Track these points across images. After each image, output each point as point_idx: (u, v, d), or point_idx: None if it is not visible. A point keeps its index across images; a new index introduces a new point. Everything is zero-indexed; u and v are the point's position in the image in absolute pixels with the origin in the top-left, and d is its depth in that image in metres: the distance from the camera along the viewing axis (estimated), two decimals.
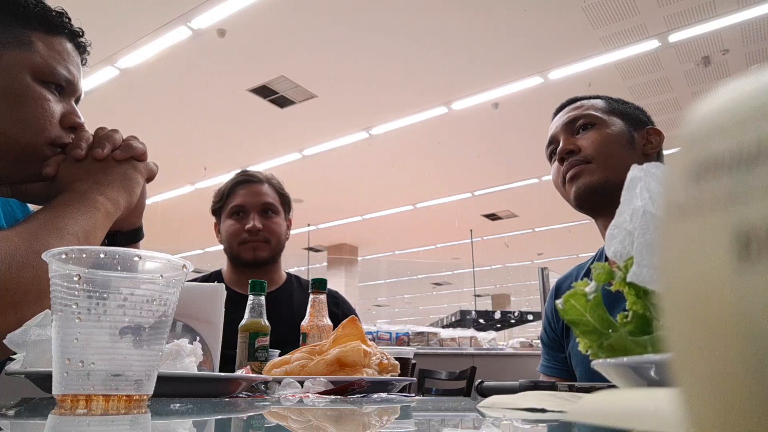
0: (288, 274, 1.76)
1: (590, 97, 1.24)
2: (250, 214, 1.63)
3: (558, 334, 1.26)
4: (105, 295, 0.48)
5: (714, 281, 0.12)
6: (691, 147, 0.14)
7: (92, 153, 0.86)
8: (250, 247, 1.62)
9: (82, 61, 0.92)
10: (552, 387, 0.63)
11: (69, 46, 0.89)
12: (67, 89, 0.88)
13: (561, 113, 1.23)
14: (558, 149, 1.18)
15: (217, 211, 1.72)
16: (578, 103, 1.22)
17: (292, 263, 12.10)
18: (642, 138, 1.17)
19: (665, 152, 1.21)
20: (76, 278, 0.48)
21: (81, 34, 0.92)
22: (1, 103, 0.80)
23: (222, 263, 1.79)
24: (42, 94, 0.84)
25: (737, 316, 0.12)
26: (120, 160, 0.87)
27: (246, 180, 1.69)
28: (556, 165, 1.20)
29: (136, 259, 0.51)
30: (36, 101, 0.83)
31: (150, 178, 0.93)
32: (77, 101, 0.92)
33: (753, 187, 0.12)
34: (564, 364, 1.24)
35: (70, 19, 0.90)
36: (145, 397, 0.50)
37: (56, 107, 0.86)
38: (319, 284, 1.22)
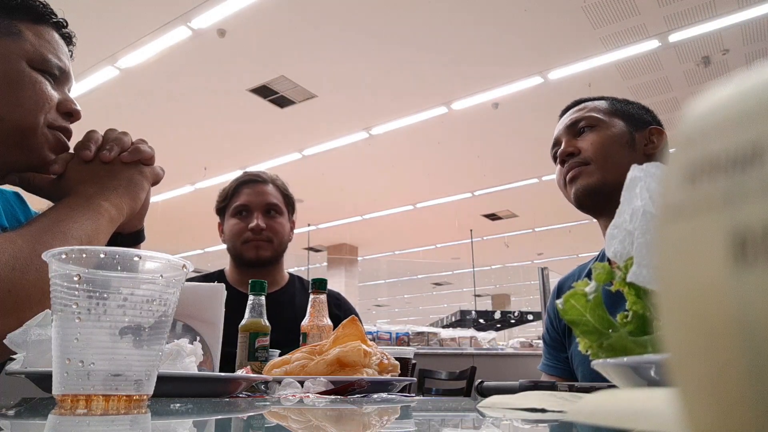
0: (290, 274, 1.76)
1: (595, 99, 1.25)
2: (254, 213, 1.64)
3: (560, 333, 1.26)
4: (105, 295, 0.48)
5: (710, 283, 0.12)
6: (686, 147, 0.14)
7: (100, 155, 0.86)
8: (253, 246, 1.62)
9: (69, 52, 0.93)
10: (552, 387, 0.63)
11: (56, 35, 0.90)
12: (61, 78, 0.88)
13: (565, 115, 1.25)
14: (559, 151, 1.20)
15: (221, 210, 1.73)
16: (581, 105, 1.24)
17: (292, 263, 12.10)
18: (644, 138, 1.18)
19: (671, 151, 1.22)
20: (76, 278, 0.48)
21: (66, 24, 0.92)
22: None
23: (222, 263, 1.79)
24: (38, 79, 0.84)
25: (733, 318, 0.12)
26: (127, 163, 0.87)
27: (250, 180, 1.69)
28: (558, 167, 1.21)
29: (136, 259, 0.51)
30: (33, 85, 0.83)
31: (155, 182, 0.93)
32: (68, 91, 0.92)
33: (749, 188, 0.12)
34: (565, 364, 1.24)
35: (53, 11, 0.90)
36: (145, 397, 0.50)
37: (53, 92, 0.86)
38: (320, 284, 1.22)
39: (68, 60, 0.91)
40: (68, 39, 0.93)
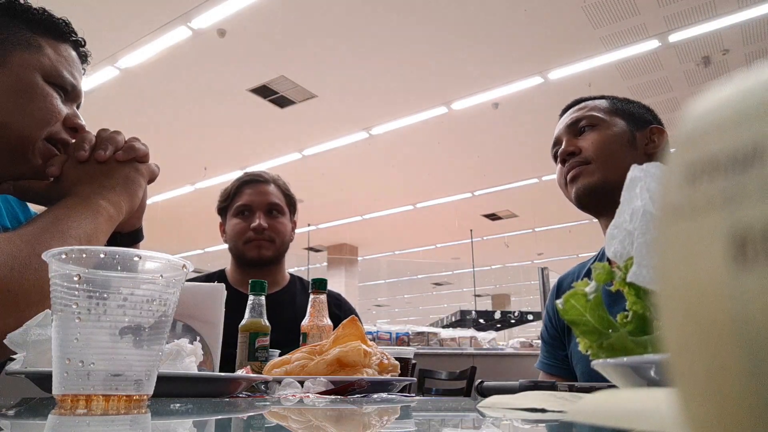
0: (291, 275, 1.76)
1: (595, 98, 1.25)
2: (256, 213, 1.65)
3: (559, 331, 1.26)
4: (105, 295, 0.48)
5: (710, 283, 0.12)
6: (686, 148, 0.14)
7: (95, 155, 0.86)
8: (255, 245, 1.62)
9: (83, 70, 0.95)
10: (552, 387, 0.63)
11: (73, 53, 0.93)
12: (71, 94, 0.91)
13: (565, 115, 1.25)
14: (559, 151, 1.20)
15: (222, 210, 1.73)
16: (582, 104, 1.23)
17: (293, 263, 12.10)
18: (644, 138, 1.18)
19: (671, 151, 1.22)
20: (76, 278, 0.48)
21: (84, 43, 0.96)
22: (10, 97, 0.82)
23: (222, 264, 1.79)
24: (50, 92, 0.86)
25: (733, 318, 0.12)
26: (122, 161, 0.88)
27: (252, 180, 1.70)
28: (559, 166, 1.21)
29: (136, 259, 0.51)
30: (44, 97, 0.85)
31: (151, 180, 0.93)
32: (77, 108, 0.94)
33: (748, 188, 0.12)
34: (564, 362, 1.24)
35: (74, 30, 0.93)
36: (145, 397, 0.50)
37: (62, 106, 0.88)
38: (320, 284, 1.22)
39: (81, 78, 0.94)
40: (84, 57, 0.96)
